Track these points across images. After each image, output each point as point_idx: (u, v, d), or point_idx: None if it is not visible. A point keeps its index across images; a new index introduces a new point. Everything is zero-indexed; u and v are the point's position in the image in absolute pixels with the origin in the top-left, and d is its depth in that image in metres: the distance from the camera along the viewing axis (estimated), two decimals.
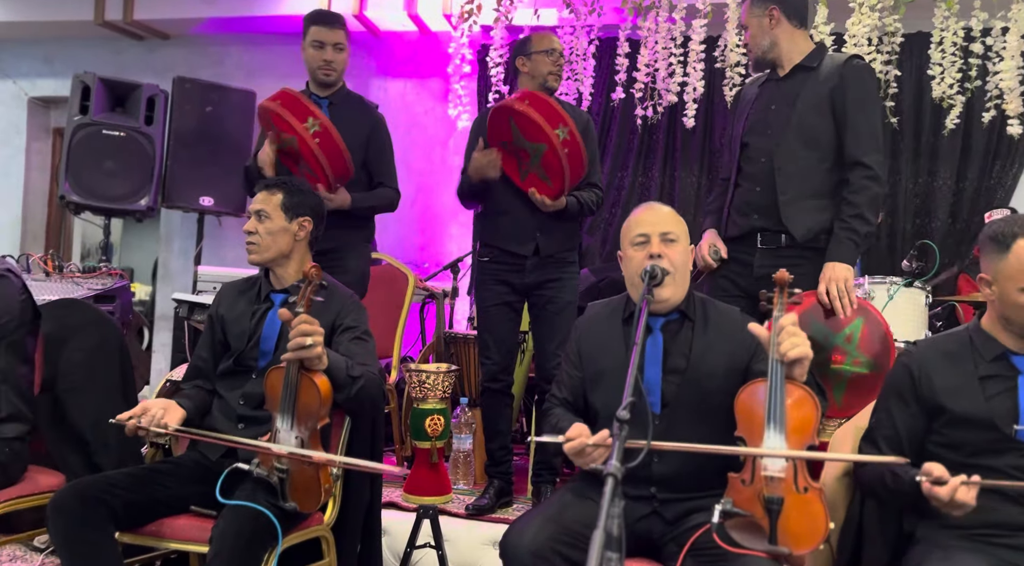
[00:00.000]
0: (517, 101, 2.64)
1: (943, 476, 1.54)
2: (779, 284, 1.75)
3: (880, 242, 4.34)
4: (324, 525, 2.10)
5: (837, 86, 2.43)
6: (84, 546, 1.75)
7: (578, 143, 2.61)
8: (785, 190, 2.44)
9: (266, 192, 2.20)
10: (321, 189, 2.69)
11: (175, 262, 5.56)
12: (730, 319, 1.91)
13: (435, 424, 2.93)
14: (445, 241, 5.07)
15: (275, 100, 2.66)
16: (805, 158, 2.45)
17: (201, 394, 2.15)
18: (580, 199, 2.83)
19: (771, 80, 2.58)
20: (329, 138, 2.62)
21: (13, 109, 5.93)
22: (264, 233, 2.13)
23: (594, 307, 2.06)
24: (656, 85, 4.01)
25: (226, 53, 5.54)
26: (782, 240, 2.47)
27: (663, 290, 1.80)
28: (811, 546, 1.59)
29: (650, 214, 1.91)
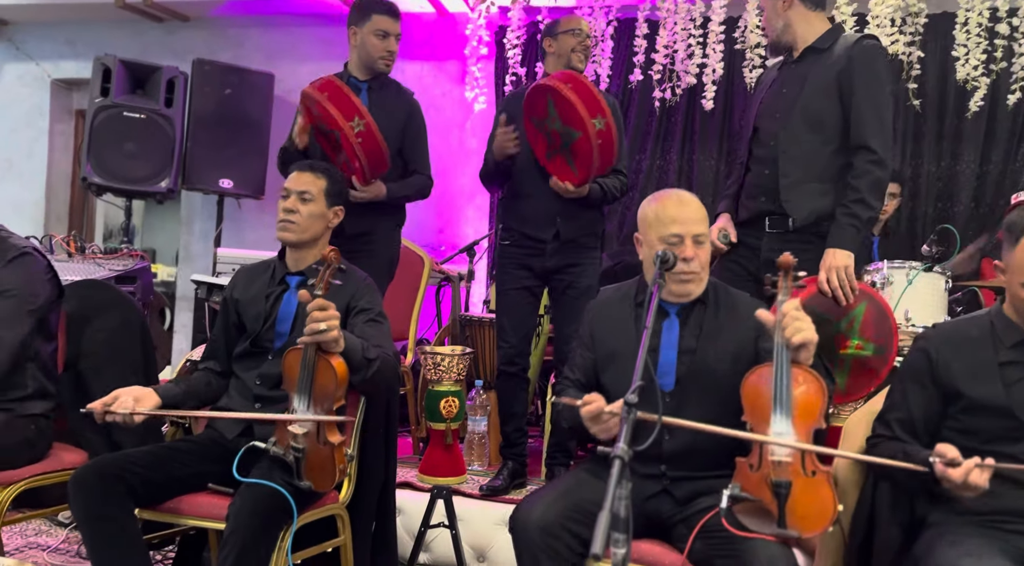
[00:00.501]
0: (561, 82, 2.59)
1: (957, 458, 1.53)
2: (783, 268, 1.75)
3: (900, 226, 4.29)
4: (339, 503, 2.14)
5: (844, 68, 2.38)
6: (104, 522, 1.79)
7: (612, 136, 2.59)
8: (788, 173, 2.42)
9: (312, 174, 2.22)
10: (355, 180, 2.71)
11: (196, 244, 5.61)
12: (741, 303, 1.93)
13: (449, 406, 2.97)
14: (462, 224, 5.07)
15: (322, 91, 2.63)
16: (809, 141, 2.42)
17: (205, 377, 2.18)
18: (604, 186, 2.81)
19: (786, 63, 2.56)
20: (372, 139, 2.63)
21: (36, 91, 5.99)
22: (306, 214, 2.16)
23: (607, 290, 2.08)
24: (675, 67, 3.98)
25: (245, 35, 5.55)
26: (790, 224, 2.44)
27: (696, 287, 1.85)
28: (820, 529, 1.60)
29: (683, 211, 1.88)
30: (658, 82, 4.02)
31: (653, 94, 4.10)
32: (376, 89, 2.91)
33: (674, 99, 4.06)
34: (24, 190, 5.94)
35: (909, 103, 3.91)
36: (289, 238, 2.15)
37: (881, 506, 1.89)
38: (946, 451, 1.55)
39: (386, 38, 2.84)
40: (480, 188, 4.96)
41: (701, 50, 3.95)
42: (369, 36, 2.85)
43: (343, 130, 2.57)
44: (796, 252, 2.40)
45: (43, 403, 2.26)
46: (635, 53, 4.05)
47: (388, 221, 2.91)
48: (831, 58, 2.43)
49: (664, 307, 1.89)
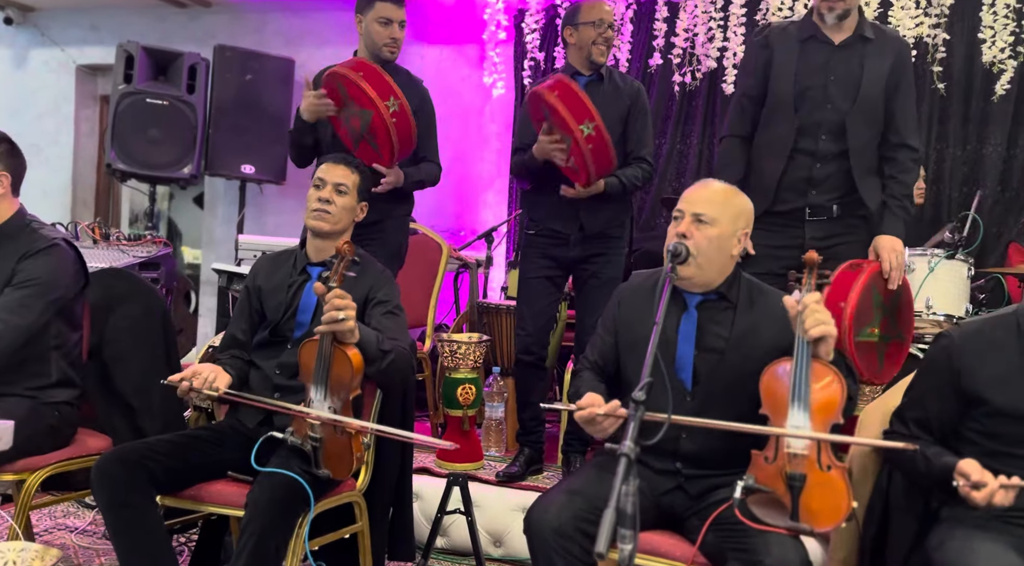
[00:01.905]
0: (548, 91, 2.58)
1: (980, 480, 1.51)
2: (808, 265, 1.74)
3: (924, 212, 4.23)
4: (357, 491, 2.17)
5: (895, 64, 2.44)
6: (126, 510, 1.84)
7: (604, 139, 2.57)
8: (856, 167, 2.46)
9: (347, 168, 2.24)
10: (380, 167, 2.71)
11: (219, 228, 5.67)
12: (775, 302, 1.84)
13: (466, 393, 2.99)
14: (481, 209, 5.08)
15: (356, 70, 2.61)
16: (865, 135, 2.46)
17: (239, 364, 2.21)
18: (622, 178, 2.78)
19: (820, 42, 2.48)
20: (406, 119, 2.62)
21: (62, 77, 6.07)
22: (340, 206, 2.19)
23: (638, 276, 2.05)
24: (695, 50, 3.94)
25: (266, 20, 5.57)
26: (834, 211, 2.48)
27: (685, 269, 1.79)
28: (833, 524, 1.60)
29: (698, 191, 1.88)
30: (678, 66, 3.98)
31: (673, 78, 4.05)
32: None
33: (694, 83, 4.02)
34: (51, 176, 6.03)
35: (934, 86, 3.84)
36: (323, 227, 2.17)
37: (896, 498, 1.89)
38: (970, 472, 1.53)
39: (389, 25, 2.82)
40: (500, 173, 4.97)
41: (722, 33, 3.90)
42: (372, 24, 2.83)
43: (379, 109, 2.56)
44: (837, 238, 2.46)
45: (67, 391, 2.31)
46: (655, 37, 4.01)
47: (398, 210, 2.91)
48: (878, 50, 2.45)
49: (684, 298, 1.88)
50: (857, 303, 2.24)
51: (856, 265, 2.36)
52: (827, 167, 2.47)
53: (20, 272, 2.22)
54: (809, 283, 1.72)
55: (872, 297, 2.33)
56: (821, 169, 2.47)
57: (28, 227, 2.33)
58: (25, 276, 2.22)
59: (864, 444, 1.86)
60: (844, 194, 2.47)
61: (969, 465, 1.55)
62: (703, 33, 3.91)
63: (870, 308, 2.33)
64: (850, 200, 2.47)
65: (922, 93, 4.03)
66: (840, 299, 2.29)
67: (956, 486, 1.54)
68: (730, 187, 1.91)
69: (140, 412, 2.50)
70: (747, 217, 1.89)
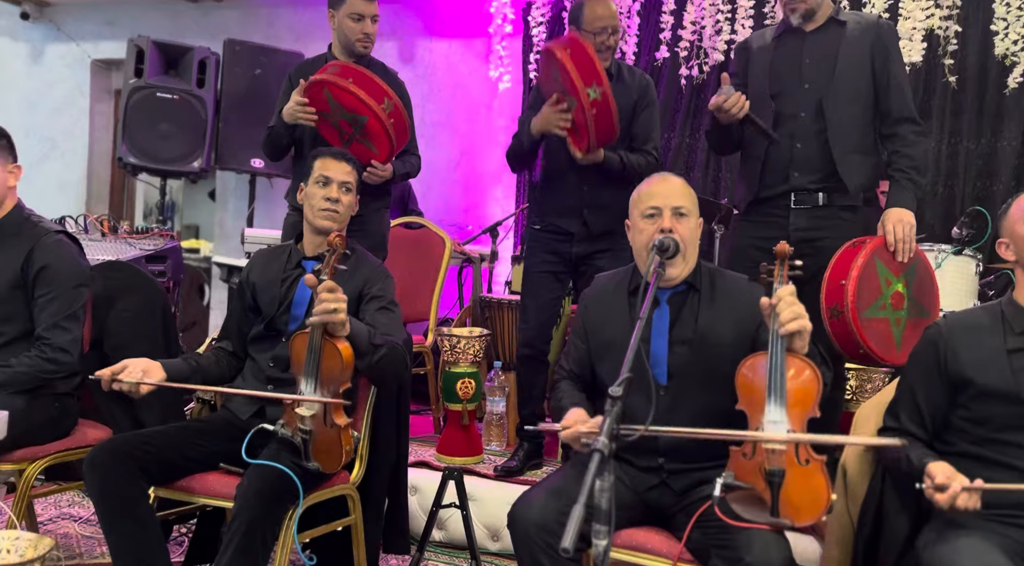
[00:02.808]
0: (560, 47, 2.53)
1: (944, 482, 1.52)
2: (779, 256, 1.73)
3: (937, 206, 4.17)
4: (350, 484, 2.18)
5: (876, 42, 2.44)
6: (118, 500, 1.86)
7: (609, 107, 2.54)
8: (835, 144, 2.43)
9: (349, 165, 2.25)
10: (376, 164, 2.75)
11: (230, 222, 5.72)
12: (738, 288, 1.91)
13: (466, 387, 3.00)
14: (488, 203, 5.08)
15: (345, 77, 2.62)
16: (850, 112, 2.44)
17: (214, 356, 2.23)
18: (624, 159, 2.75)
19: (793, 33, 2.52)
20: (401, 117, 2.65)
21: (77, 71, 6.13)
22: (347, 204, 2.21)
23: (600, 279, 2.06)
24: (702, 43, 3.90)
25: (276, 15, 5.60)
26: (819, 199, 2.45)
27: (672, 268, 1.80)
28: (813, 518, 1.59)
29: (663, 186, 1.90)
30: (685, 59, 3.95)
31: (680, 71, 4.02)
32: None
33: (701, 77, 3.99)
34: (66, 170, 6.10)
35: (945, 79, 3.78)
36: (331, 226, 2.17)
37: (890, 498, 1.87)
38: (936, 473, 1.54)
39: (361, 20, 2.83)
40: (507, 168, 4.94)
41: (730, 26, 3.87)
42: (345, 19, 2.84)
43: (374, 113, 2.58)
44: (829, 227, 2.42)
45: (68, 382, 2.34)
46: (662, 30, 3.98)
47: (376, 203, 2.96)
48: (855, 31, 2.46)
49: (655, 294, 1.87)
50: (858, 279, 2.22)
51: (859, 242, 2.34)
52: (807, 146, 2.46)
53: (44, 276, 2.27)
54: (781, 275, 1.70)
55: (878, 271, 2.31)
56: (802, 149, 2.46)
57: (28, 220, 2.36)
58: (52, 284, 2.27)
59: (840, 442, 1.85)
60: (826, 176, 2.45)
61: (937, 467, 1.56)
62: (711, 26, 3.87)
63: (877, 283, 2.30)
64: (834, 185, 2.45)
65: (933, 86, 3.97)
66: (842, 276, 2.27)
67: (921, 488, 1.54)
68: (683, 179, 1.94)
69: (139, 404, 2.51)
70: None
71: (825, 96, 2.43)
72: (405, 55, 5.26)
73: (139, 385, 1.97)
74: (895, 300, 2.33)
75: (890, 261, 2.33)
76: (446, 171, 5.13)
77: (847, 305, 2.25)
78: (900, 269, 2.35)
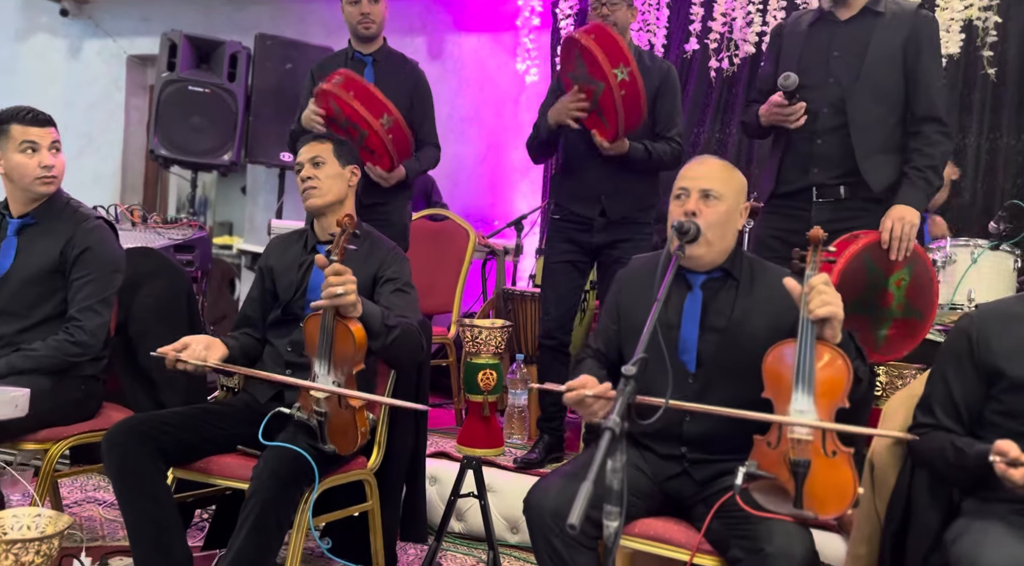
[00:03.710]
0: (584, 34, 2.53)
1: (1020, 457, 1.43)
2: (813, 242, 1.68)
3: (975, 203, 4.06)
4: (367, 469, 2.17)
5: (910, 37, 2.34)
6: (135, 478, 1.86)
7: (637, 86, 2.50)
8: (860, 143, 2.36)
9: (315, 142, 2.25)
10: (379, 170, 2.77)
11: (260, 216, 5.77)
12: (777, 278, 1.84)
13: (487, 378, 2.97)
14: (515, 198, 5.06)
15: (347, 90, 2.65)
16: (875, 111, 2.36)
17: (249, 340, 2.23)
18: (649, 148, 2.72)
19: (826, 21, 2.44)
20: (400, 131, 2.67)
21: (113, 67, 6.24)
22: (324, 177, 2.19)
23: (638, 259, 2.02)
24: (733, 35, 3.84)
25: (308, 10, 5.64)
26: (841, 192, 2.38)
27: (695, 248, 1.74)
28: (838, 511, 1.55)
29: (697, 168, 1.85)
30: (715, 51, 3.89)
31: (709, 63, 3.96)
32: (381, 61, 2.95)
33: (731, 69, 3.92)
34: (102, 163, 6.21)
35: (984, 72, 3.68)
36: (316, 203, 2.18)
37: (919, 493, 1.81)
38: (1008, 449, 1.45)
39: (357, 3, 2.86)
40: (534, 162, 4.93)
41: (761, 17, 3.80)
42: (344, 5, 2.88)
43: (373, 128, 2.60)
44: (850, 221, 2.36)
45: (94, 365, 2.36)
46: (691, 21, 3.93)
47: (398, 194, 2.96)
48: (890, 24, 2.36)
49: (687, 279, 1.83)
50: (841, 273, 2.15)
51: (855, 235, 2.27)
52: (827, 143, 2.39)
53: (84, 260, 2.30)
54: (814, 261, 1.65)
55: (866, 268, 2.23)
56: (821, 145, 2.39)
57: (68, 205, 2.41)
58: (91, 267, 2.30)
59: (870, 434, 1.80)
60: (847, 173, 2.38)
61: (1007, 443, 1.46)
62: (741, 17, 3.81)
63: (863, 280, 2.22)
64: (856, 181, 2.38)
65: (973, 79, 3.87)
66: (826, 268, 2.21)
67: (992, 462, 1.44)
68: (727, 162, 1.87)
69: (162, 387, 2.54)
70: (745, 191, 1.87)
71: (849, 95, 2.36)
72: (434, 50, 5.27)
73: (203, 365, 1.98)
74: (881, 298, 2.26)
75: (882, 258, 2.25)
76: (473, 166, 5.13)
77: None
78: (893, 267, 2.27)
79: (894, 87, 2.35)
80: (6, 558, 1.71)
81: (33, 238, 2.34)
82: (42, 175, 2.31)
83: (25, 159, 2.29)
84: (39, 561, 1.75)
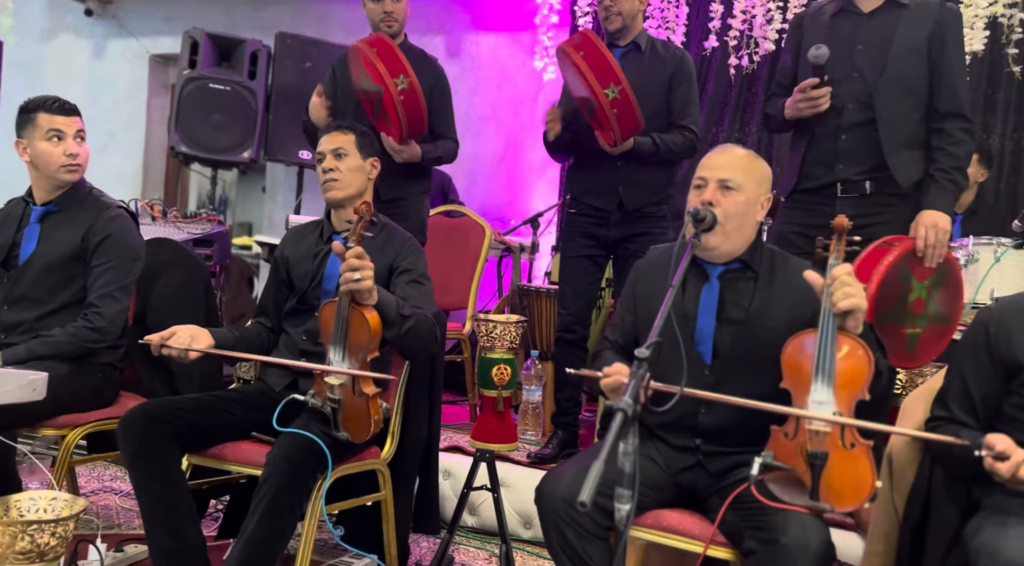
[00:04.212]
0: (574, 50, 2.55)
1: (1006, 451, 1.43)
2: (837, 230, 1.65)
3: (999, 202, 4.00)
4: (380, 459, 2.17)
5: (935, 31, 2.30)
6: (148, 462, 1.88)
7: (630, 103, 2.51)
8: (887, 139, 2.32)
9: (339, 132, 2.25)
10: (391, 141, 2.75)
11: (279, 214, 5.80)
12: (798, 271, 1.81)
13: (501, 373, 2.96)
14: (532, 197, 5.05)
15: (372, 46, 2.68)
16: (902, 106, 2.33)
17: (255, 329, 2.24)
18: (657, 141, 2.70)
19: (849, 13, 2.40)
20: (414, 98, 2.65)
21: (137, 66, 6.31)
22: (345, 170, 2.19)
23: (655, 250, 2.00)
24: (752, 33, 3.82)
25: (328, 10, 5.67)
26: (866, 188, 2.35)
27: (711, 238, 1.73)
28: (855, 503, 1.52)
29: (718, 157, 1.82)
30: (734, 49, 3.87)
31: (729, 61, 3.94)
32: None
33: (751, 67, 3.90)
34: (125, 160, 6.28)
35: (1009, 70, 3.63)
36: (336, 196, 2.18)
37: (937, 489, 1.78)
38: (995, 443, 1.45)
39: (380, 1, 2.87)
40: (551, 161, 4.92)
41: (781, 15, 3.78)
42: (367, 2, 2.90)
43: (386, 85, 2.59)
44: (874, 216, 2.33)
45: (112, 353, 2.38)
46: (711, 19, 3.91)
47: (416, 187, 2.97)
48: (915, 17, 2.33)
49: (704, 269, 1.82)
50: (879, 286, 2.13)
51: (888, 243, 2.25)
52: (852, 138, 2.35)
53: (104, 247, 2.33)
54: (838, 250, 1.63)
55: (901, 276, 2.21)
56: (846, 140, 2.35)
57: (91, 193, 2.43)
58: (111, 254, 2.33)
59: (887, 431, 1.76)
60: (874, 168, 2.34)
61: (996, 437, 1.45)
62: (762, 14, 3.79)
63: (899, 289, 2.20)
64: (882, 176, 2.35)
65: (997, 78, 3.82)
66: (864, 279, 2.18)
67: (980, 456, 1.44)
68: (751, 152, 1.85)
69: (179, 377, 2.57)
70: (769, 182, 1.83)
71: (876, 89, 2.32)
72: (452, 49, 5.28)
73: (187, 351, 1.99)
74: (915, 306, 2.24)
75: (916, 266, 2.23)
76: (490, 165, 5.13)
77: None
78: (926, 274, 2.25)
79: (919, 81, 2.31)
80: (22, 539, 1.73)
81: (55, 225, 2.36)
82: (67, 163, 2.34)
83: (51, 147, 2.32)
84: (54, 543, 1.76)
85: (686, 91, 2.77)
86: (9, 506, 1.83)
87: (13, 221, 2.41)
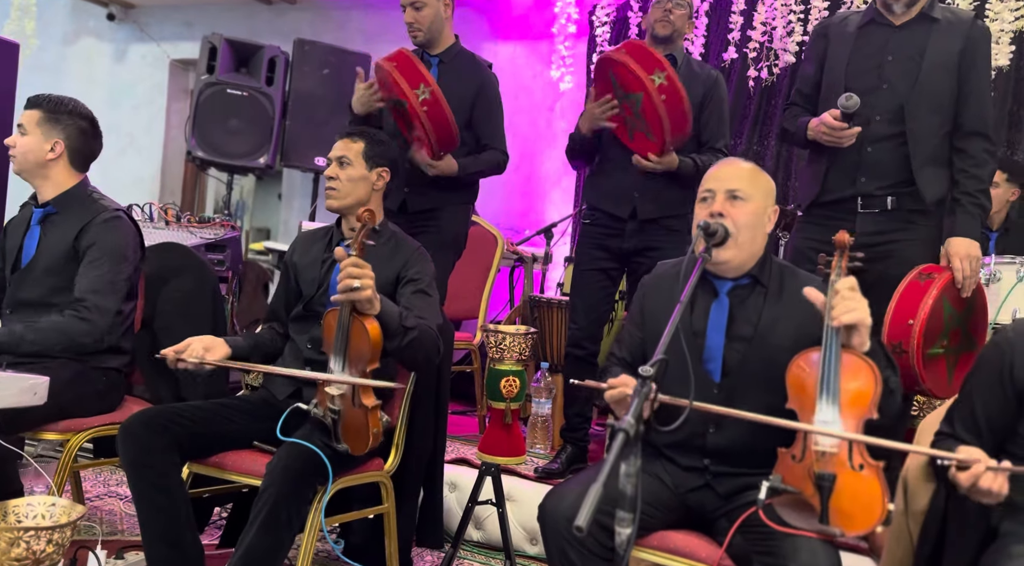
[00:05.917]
0: (614, 51, 2.53)
1: (966, 460, 1.39)
2: (839, 247, 1.62)
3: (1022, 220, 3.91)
4: (384, 471, 2.14)
5: (966, 49, 2.26)
6: (149, 470, 1.86)
7: (677, 89, 2.45)
8: (915, 155, 2.28)
9: (348, 140, 2.23)
10: (425, 156, 2.69)
11: (295, 219, 5.80)
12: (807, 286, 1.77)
13: (510, 385, 2.91)
14: (547, 207, 5.02)
15: (392, 61, 2.66)
16: (931, 121, 2.28)
17: (268, 335, 2.22)
18: (697, 161, 2.66)
19: (879, 24, 2.35)
20: (438, 107, 2.60)
21: (157, 71, 6.35)
22: (345, 180, 2.16)
23: (663, 265, 1.96)
24: (772, 44, 3.77)
25: (347, 17, 5.69)
26: (888, 204, 2.30)
27: (723, 251, 1.69)
28: (866, 528, 1.47)
29: (724, 169, 1.79)
30: (754, 60, 3.82)
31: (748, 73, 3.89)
32: (447, 61, 2.88)
33: (771, 78, 3.85)
34: (143, 164, 6.32)
35: None
36: (333, 204, 2.16)
37: (954, 514, 1.73)
38: (960, 456, 1.41)
39: (406, 10, 2.83)
40: (567, 170, 4.90)
41: (802, 27, 3.73)
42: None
43: (408, 99, 2.56)
44: (896, 233, 2.29)
45: (117, 358, 2.37)
46: (730, 30, 3.87)
47: (455, 197, 2.86)
48: (946, 32, 2.29)
49: (714, 285, 1.77)
50: (927, 320, 2.10)
51: (927, 275, 2.19)
52: (879, 151, 2.29)
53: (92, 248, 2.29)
54: (840, 267, 1.59)
55: (943, 310, 2.18)
56: (872, 153, 2.30)
57: (90, 196, 2.41)
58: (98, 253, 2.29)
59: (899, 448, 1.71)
60: (898, 183, 2.29)
61: (967, 449, 1.41)
62: (782, 26, 3.74)
63: (941, 322, 2.18)
64: (905, 192, 2.29)
65: (1022, 94, 3.74)
66: (910, 315, 2.14)
67: (943, 465, 1.41)
68: (755, 165, 1.82)
69: (184, 383, 2.54)
70: (774, 195, 1.81)
71: (907, 102, 2.28)
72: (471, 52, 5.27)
73: (202, 364, 1.97)
74: (953, 337, 2.21)
75: (955, 297, 2.20)
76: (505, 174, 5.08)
77: (913, 345, 2.14)
78: (963, 305, 2.21)
79: (948, 97, 2.27)
80: (18, 545, 1.70)
81: (54, 227, 2.35)
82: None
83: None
84: (50, 550, 1.73)
85: (719, 113, 2.74)
86: (7, 511, 1.81)
87: (22, 224, 2.41)
